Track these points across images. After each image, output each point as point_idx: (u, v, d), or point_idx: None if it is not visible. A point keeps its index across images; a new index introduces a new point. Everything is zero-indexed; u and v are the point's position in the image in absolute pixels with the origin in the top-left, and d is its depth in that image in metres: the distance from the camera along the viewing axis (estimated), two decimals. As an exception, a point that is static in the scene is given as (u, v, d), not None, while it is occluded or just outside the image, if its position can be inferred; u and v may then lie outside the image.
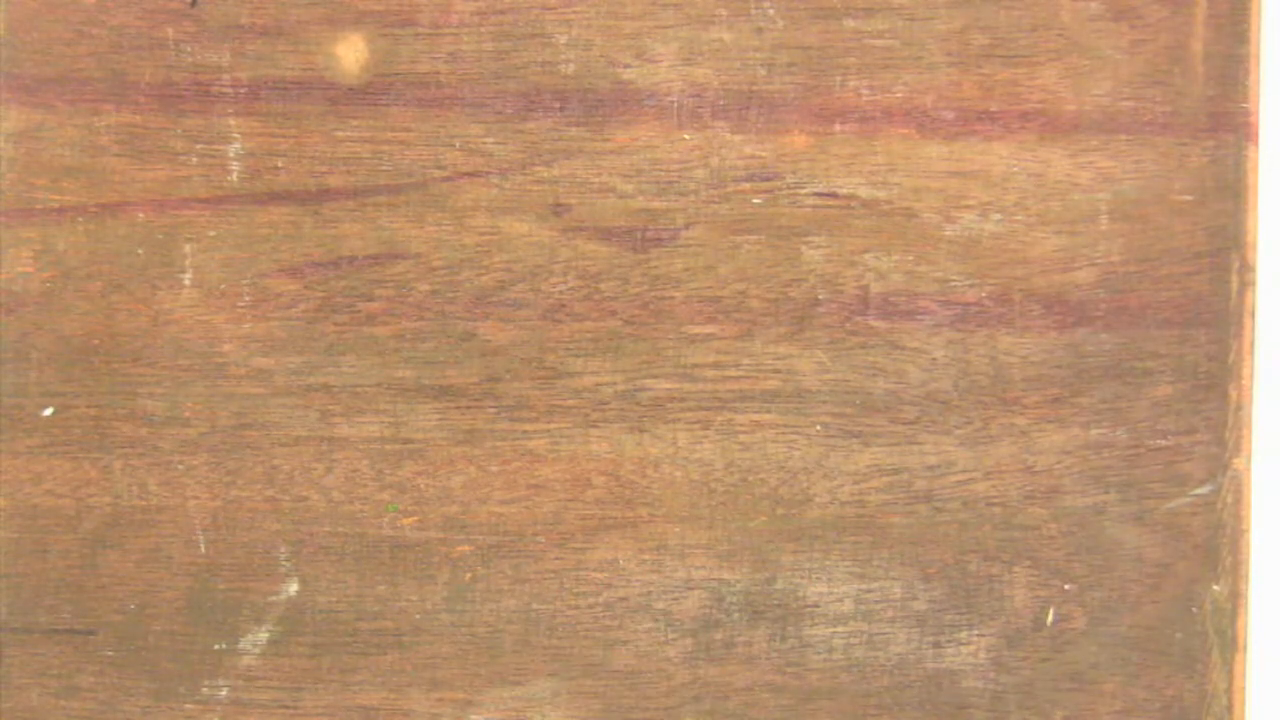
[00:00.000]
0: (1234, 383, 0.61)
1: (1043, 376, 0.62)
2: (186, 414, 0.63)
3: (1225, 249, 0.61)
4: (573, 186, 0.62)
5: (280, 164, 0.62)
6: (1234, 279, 0.61)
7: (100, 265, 0.63)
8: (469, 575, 0.63)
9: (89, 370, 0.63)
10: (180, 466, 0.63)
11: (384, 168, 0.62)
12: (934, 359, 0.62)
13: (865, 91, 0.61)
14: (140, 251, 0.63)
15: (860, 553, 0.63)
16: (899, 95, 0.61)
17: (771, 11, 0.61)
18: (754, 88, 0.62)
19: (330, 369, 0.63)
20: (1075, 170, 0.61)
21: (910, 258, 0.62)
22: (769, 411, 0.62)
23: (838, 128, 0.62)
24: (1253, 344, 0.62)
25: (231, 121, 0.62)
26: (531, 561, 0.63)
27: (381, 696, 0.63)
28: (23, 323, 0.63)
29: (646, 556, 0.63)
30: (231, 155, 0.62)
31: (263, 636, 0.63)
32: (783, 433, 0.62)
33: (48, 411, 0.63)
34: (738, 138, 0.62)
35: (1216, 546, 0.62)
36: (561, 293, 0.62)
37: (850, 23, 0.61)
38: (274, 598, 0.63)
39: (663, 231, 0.62)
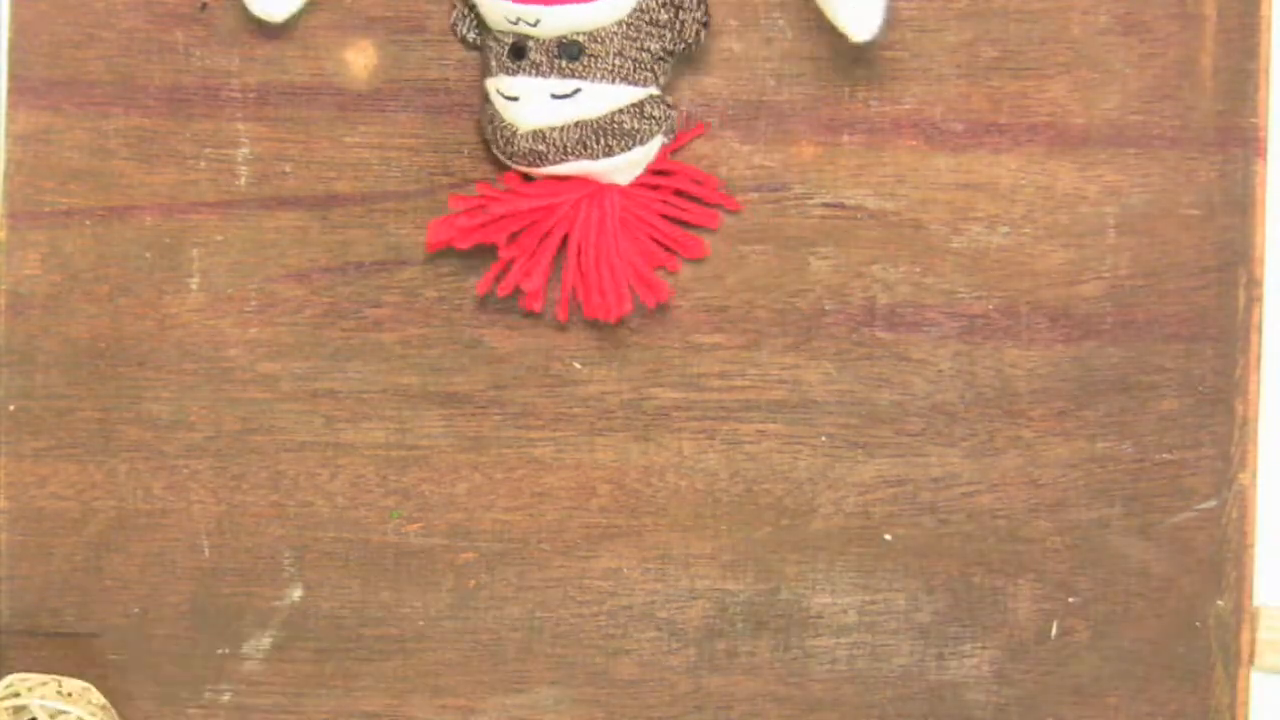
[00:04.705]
0: (1240, 398, 0.61)
1: (1049, 389, 0.62)
2: (192, 418, 0.63)
3: (1232, 264, 0.61)
4: (580, 194, 0.62)
5: (288, 169, 0.62)
6: (1241, 294, 0.61)
7: (107, 268, 0.63)
8: (473, 582, 0.63)
9: (95, 373, 0.63)
10: (185, 470, 0.63)
11: (392, 174, 0.62)
12: (940, 371, 0.62)
13: (874, 102, 0.61)
14: (148, 255, 0.63)
15: (864, 564, 0.63)
16: (908, 106, 0.61)
17: (781, 22, 0.61)
18: (763, 97, 0.61)
19: (336, 374, 0.63)
20: (1083, 183, 0.61)
21: (917, 269, 0.62)
22: (774, 422, 0.62)
23: (846, 138, 0.62)
24: (1259, 359, 0.62)
25: (240, 126, 0.62)
26: (535, 569, 0.63)
27: (384, 702, 0.63)
28: (29, 325, 0.63)
29: (650, 565, 0.63)
30: (240, 160, 0.62)
31: (266, 641, 0.63)
32: (788, 443, 0.62)
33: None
34: (746, 147, 0.62)
35: (1221, 561, 0.62)
36: (568, 300, 0.62)
37: (860, 34, 0.61)
38: (278, 603, 0.63)
39: (670, 240, 0.62)
